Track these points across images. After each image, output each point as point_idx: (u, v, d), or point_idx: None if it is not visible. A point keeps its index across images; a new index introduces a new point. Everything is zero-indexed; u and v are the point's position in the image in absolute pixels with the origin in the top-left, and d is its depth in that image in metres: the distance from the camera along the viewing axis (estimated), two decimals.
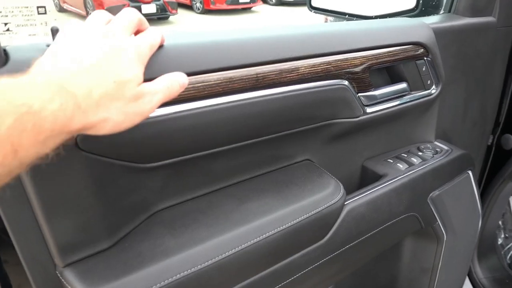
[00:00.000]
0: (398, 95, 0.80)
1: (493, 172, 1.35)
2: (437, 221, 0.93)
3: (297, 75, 0.62)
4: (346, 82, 0.70)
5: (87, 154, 0.46)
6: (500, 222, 1.52)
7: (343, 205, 0.70)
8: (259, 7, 10.50)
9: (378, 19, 1.09)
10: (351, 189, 0.78)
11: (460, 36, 0.94)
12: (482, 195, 1.39)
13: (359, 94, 0.73)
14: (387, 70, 0.82)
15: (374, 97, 0.75)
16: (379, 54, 0.74)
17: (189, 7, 10.10)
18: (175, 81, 0.44)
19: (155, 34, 0.46)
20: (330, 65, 0.66)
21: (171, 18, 9.01)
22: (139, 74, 0.41)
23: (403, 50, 0.78)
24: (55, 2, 9.31)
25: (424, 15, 1.03)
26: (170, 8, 8.46)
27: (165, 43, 0.51)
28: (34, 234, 0.47)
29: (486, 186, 1.38)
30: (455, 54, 0.95)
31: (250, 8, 10.34)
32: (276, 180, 0.69)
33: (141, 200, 0.56)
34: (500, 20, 1.00)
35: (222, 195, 0.65)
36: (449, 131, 1.05)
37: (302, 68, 0.63)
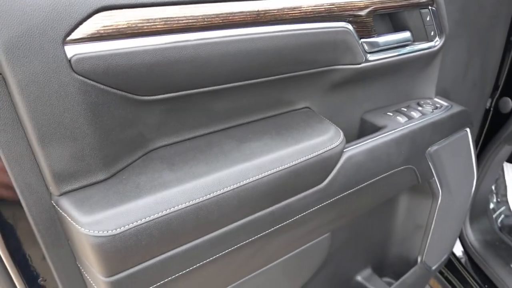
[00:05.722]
0: (401, 44, 0.78)
1: (489, 135, 1.35)
2: (434, 177, 0.94)
3: (299, 12, 0.60)
4: (349, 26, 0.68)
5: (82, 78, 0.45)
6: (493, 187, 1.53)
7: (342, 151, 0.69)
8: None
9: None
10: (349, 140, 0.77)
11: None
12: (478, 158, 1.39)
13: (362, 40, 0.71)
14: (390, 18, 0.80)
15: (376, 44, 0.73)
16: None
17: None
18: None
19: None
20: (333, 5, 0.64)
21: None
22: None
23: None
24: None
25: None
26: None
27: None
28: (28, 161, 0.46)
29: (482, 149, 1.38)
30: (460, 8, 0.92)
31: None
32: (275, 124, 0.68)
33: (137, 135, 0.55)
34: None
35: (221, 136, 0.63)
36: (449, 89, 1.04)
37: (305, 6, 0.61)
